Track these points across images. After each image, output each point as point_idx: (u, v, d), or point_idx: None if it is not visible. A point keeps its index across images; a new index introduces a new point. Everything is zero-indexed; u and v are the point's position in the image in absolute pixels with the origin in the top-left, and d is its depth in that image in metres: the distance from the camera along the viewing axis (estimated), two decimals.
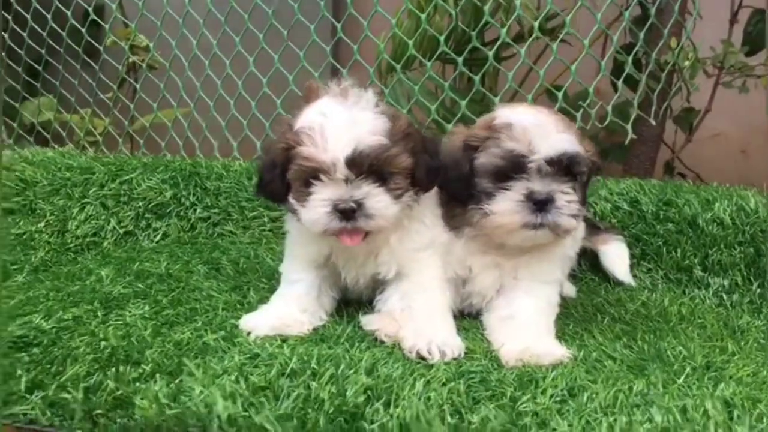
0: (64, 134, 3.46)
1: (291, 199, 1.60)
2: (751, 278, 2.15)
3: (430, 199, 1.74)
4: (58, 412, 1.34)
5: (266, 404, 1.28)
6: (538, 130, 1.58)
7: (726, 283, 2.16)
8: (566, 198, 1.57)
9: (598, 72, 2.76)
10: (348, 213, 1.51)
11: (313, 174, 1.53)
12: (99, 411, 1.32)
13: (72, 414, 1.33)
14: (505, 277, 1.73)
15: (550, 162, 1.55)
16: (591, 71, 2.86)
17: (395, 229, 1.65)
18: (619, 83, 2.72)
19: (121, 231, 2.38)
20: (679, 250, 2.24)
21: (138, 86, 3.30)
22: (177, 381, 1.36)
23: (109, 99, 3.35)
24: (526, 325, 1.65)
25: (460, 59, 2.67)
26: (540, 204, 1.56)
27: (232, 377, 1.34)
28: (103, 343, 1.49)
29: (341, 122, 1.52)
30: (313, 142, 1.51)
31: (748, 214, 2.19)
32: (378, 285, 1.76)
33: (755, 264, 2.15)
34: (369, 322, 1.68)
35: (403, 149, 1.57)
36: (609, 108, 2.68)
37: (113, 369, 1.38)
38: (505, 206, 1.58)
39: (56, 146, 3.18)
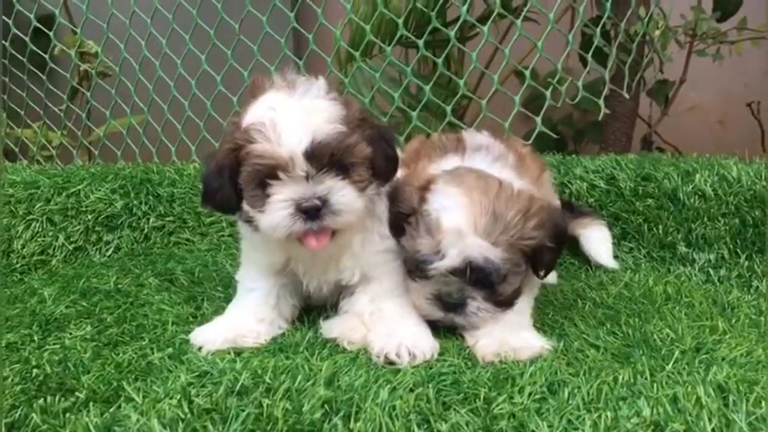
0: (16, 150, 3.31)
1: (245, 206, 1.45)
2: (738, 251, 2.04)
3: None
4: None
5: (211, 429, 1.15)
6: (447, 230, 1.41)
7: (712, 257, 2.05)
8: (476, 304, 1.46)
9: (566, 48, 2.65)
10: (312, 212, 1.38)
11: (269, 173, 1.39)
12: None
13: None
14: None
15: (455, 272, 1.42)
16: (559, 49, 2.74)
17: (357, 230, 1.52)
18: (589, 57, 2.60)
19: (71, 247, 2.24)
20: (660, 227, 2.13)
21: (90, 95, 3.15)
22: (113, 409, 1.22)
23: (62, 110, 3.19)
24: (502, 319, 1.52)
25: (421, 42, 2.54)
26: (450, 306, 1.47)
27: (174, 400, 1.21)
28: (35, 370, 1.36)
29: (294, 113, 1.39)
30: (266, 138, 1.37)
31: (731, 184, 2.08)
32: (343, 291, 1.62)
33: (741, 236, 2.04)
34: (329, 329, 1.54)
35: (361, 137, 1.44)
36: (580, 84, 2.56)
37: (42, 400, 1.25)
38: (418, 300, 1.50)
39: (9, 163, 3.01)
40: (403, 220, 1.50)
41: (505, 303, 1.48)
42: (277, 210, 1.39)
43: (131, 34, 2.91)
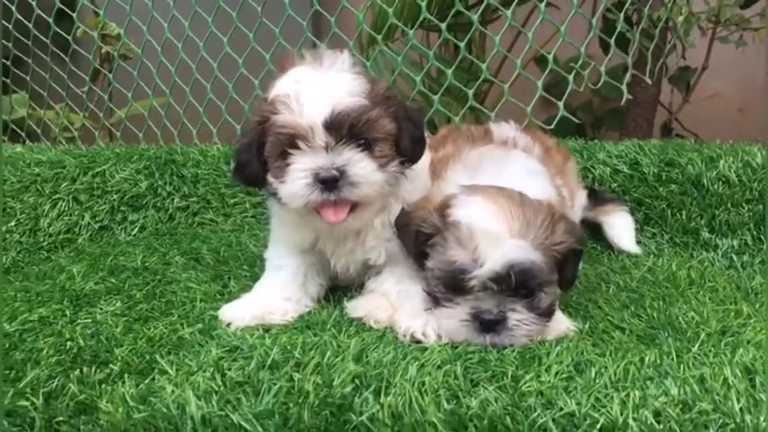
0: (39, 131, 3.34)
1: (270, 178, 1.48)
2: (762, 237, 2.03)
3: (420, 179, 1.62)
4: (16, 421, 1.23)
5: (244, 401, 1.17)
6: (482, 232, 1.34)
7: (735, 243, 2.05)
8: (517, 317, 1.36)
9: (589, 34, 2.64)
10: (330, 183, 1.39)
11: (290, 142, 1.41)
12: (61, 418, 1.21)
13: (32, 423, 1.22)
14: None
15: (497, 279, 1.33)
16: (581, 36, 2.73)
17: (380, 209, 1.54)
18: (611, 41, 2.59)
19: (96, 226, 2.26)
20: (684, 212, 2.13)
21: (111, 77, 3.17)
22: (147, 380, 1.25)
23: (84, 92, 3.22)
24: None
25: (443, 25, 2.53)
26: (488, 324, 1.36)
27: (208, 373, 1.23)
28: (69, 343, 1.38)
29: (317, 85, 1.42)
30: (288, 109, 1.40)
31: (755, 170, 2.08)
32: (370, 271, 1.64)
33: (765, 222, 2.03)
34: (354, 308, 1.56)
35: (385, 113, 1.45)
36: (602, 69, 2.55)
37: (77, 371, 1.27)
38: (451, 325, 1.39)
39: (31, 143, 3.04)
40: (424, 242, 1.44)
41: (544, 315, 1.41)
42: (296, 179, 1.41)
43: (154, 16, 2.92)
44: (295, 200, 1.42)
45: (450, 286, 1.39)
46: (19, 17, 3.14)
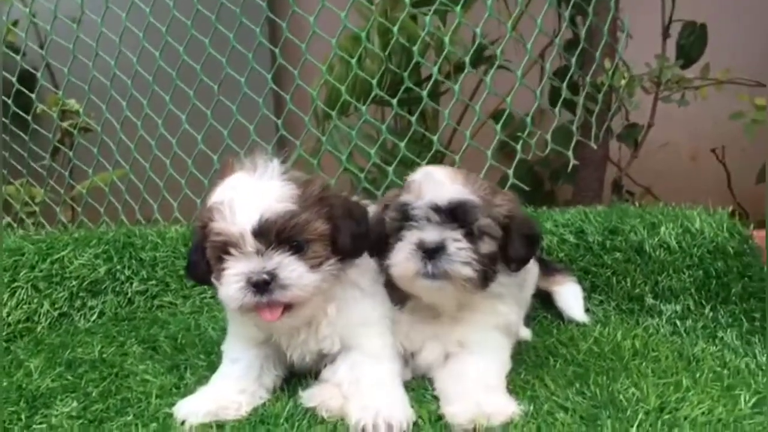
0: None
1: (213, 280, 1.55)
2: (703, 302, 2.11)
3: (367, 265, 1.68)
4: None
5: None
6: (428, 181, 1.59)
7: (678, 308, 2.12)
8: (456, 245, 1.53)
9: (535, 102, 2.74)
10: (261, 286, 1.46)
11: (224, 248, 1.48)
12: None
13: None
14: (450, 346, 1.67)
15: (437, 209, 1.54)
16: (531, 97, 2.84)
17: (329, 299, 1.60)
18: (556, 110, 2.70)
19: (56, 313, 2.28)
20: (628, 279, 2.21)
21: (71, 153, 3.21)
22: None
23: (45, 166, 3.25)
24: (476, 383, 1.58)
25: (394, 101, 2.63)
26: (430, 252, 1.52)
27: None
28: None
29: (249, 193, 1.50)
30: (222, 216, 1.48)
31: (694, 236, 2.17)
32: (325, 359, 1.68)
33: (706, 287, 2.12)
34: (310, 397, 1.59)
35: (317, 215, 1.53)
36: (548, 136, 2.65)
37: None
38: (400, 256, 1.55)
39: None
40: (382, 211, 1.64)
41: (484, 258, 1.55)
42: (231, 283, 1.48)
43: (112, 95, 2.98)
44: (231, 302, 1.49)
45: (398, 219, 1.58)
46: None
